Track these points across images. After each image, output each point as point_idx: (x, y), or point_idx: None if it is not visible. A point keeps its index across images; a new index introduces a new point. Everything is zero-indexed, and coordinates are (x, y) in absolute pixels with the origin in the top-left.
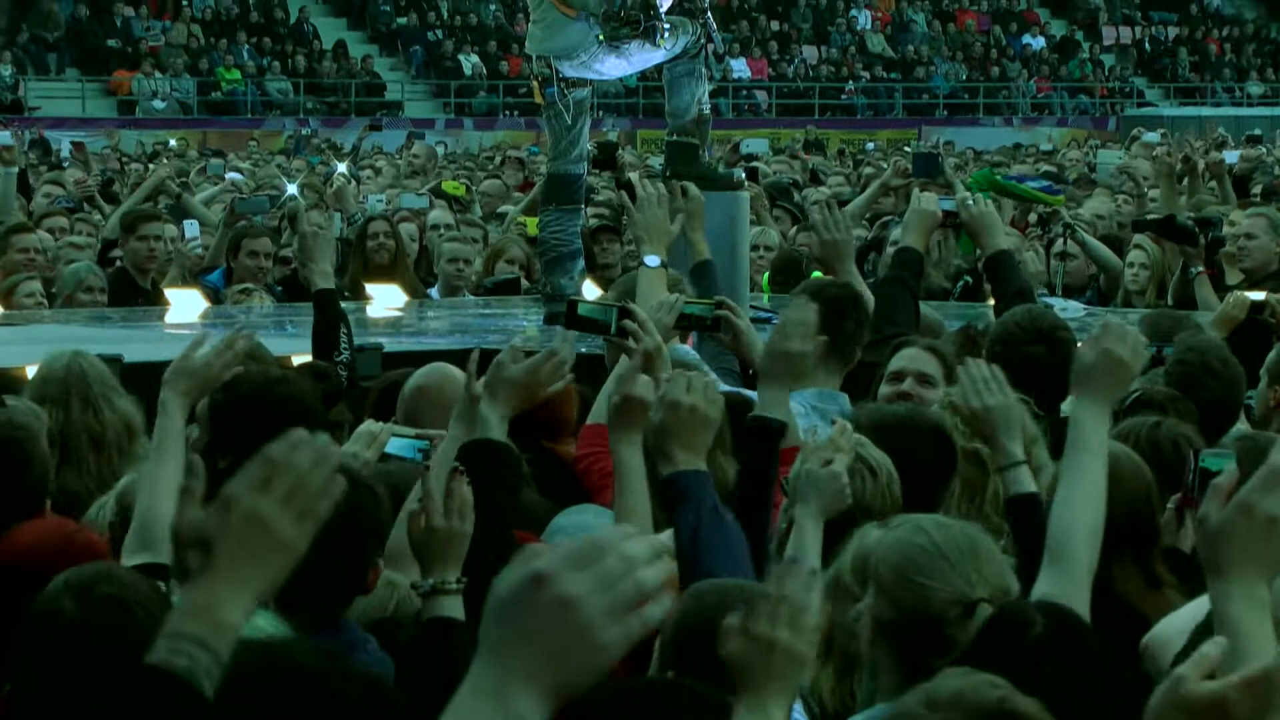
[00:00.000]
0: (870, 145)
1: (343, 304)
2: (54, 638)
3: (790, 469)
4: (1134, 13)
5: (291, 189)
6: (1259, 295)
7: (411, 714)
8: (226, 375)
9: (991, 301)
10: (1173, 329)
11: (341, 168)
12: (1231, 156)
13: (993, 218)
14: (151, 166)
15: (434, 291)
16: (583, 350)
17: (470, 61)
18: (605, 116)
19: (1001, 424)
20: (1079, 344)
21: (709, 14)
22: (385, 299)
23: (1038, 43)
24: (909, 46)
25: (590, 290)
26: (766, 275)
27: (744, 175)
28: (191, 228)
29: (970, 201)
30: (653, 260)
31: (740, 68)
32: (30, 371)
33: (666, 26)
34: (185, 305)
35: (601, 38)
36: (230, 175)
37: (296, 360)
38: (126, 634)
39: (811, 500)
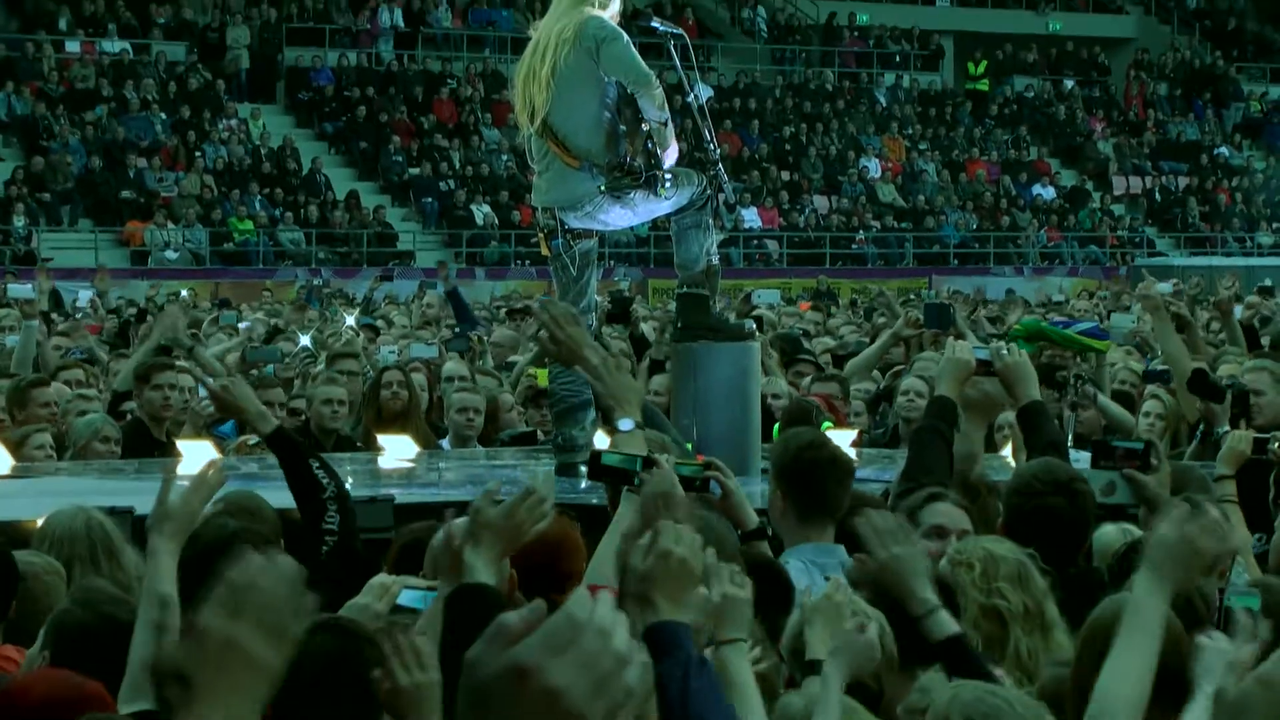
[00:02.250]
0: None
1: (357, 454)
2: None
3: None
4: (1144, 162)
5: (305, 340)
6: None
7: None
8: (205, 509)
9: (1006, 451)
10: (1180, 481)
11: (350, 320)
12: (1238, 312)
13: (1027, 368)
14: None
15: (445, 442)
16: (594, 501)
17: (482, 211)
18: (616, 266)
19: (909, 572)
20: (1163, 520)
21: (719, 165)
22: (397, 450)
23: (1048, 192)
24: (919, 196)
25: (602, 440)
26: (777, 426)
27: (754, 325)
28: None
29: (1005, 350)
30: (626, 424)
31: (751, 217)
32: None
33: (669, 177)
34: (197, 457)
35: (603, 188)
36: (244, 324)
37: None
38: None
39: (843, 662)
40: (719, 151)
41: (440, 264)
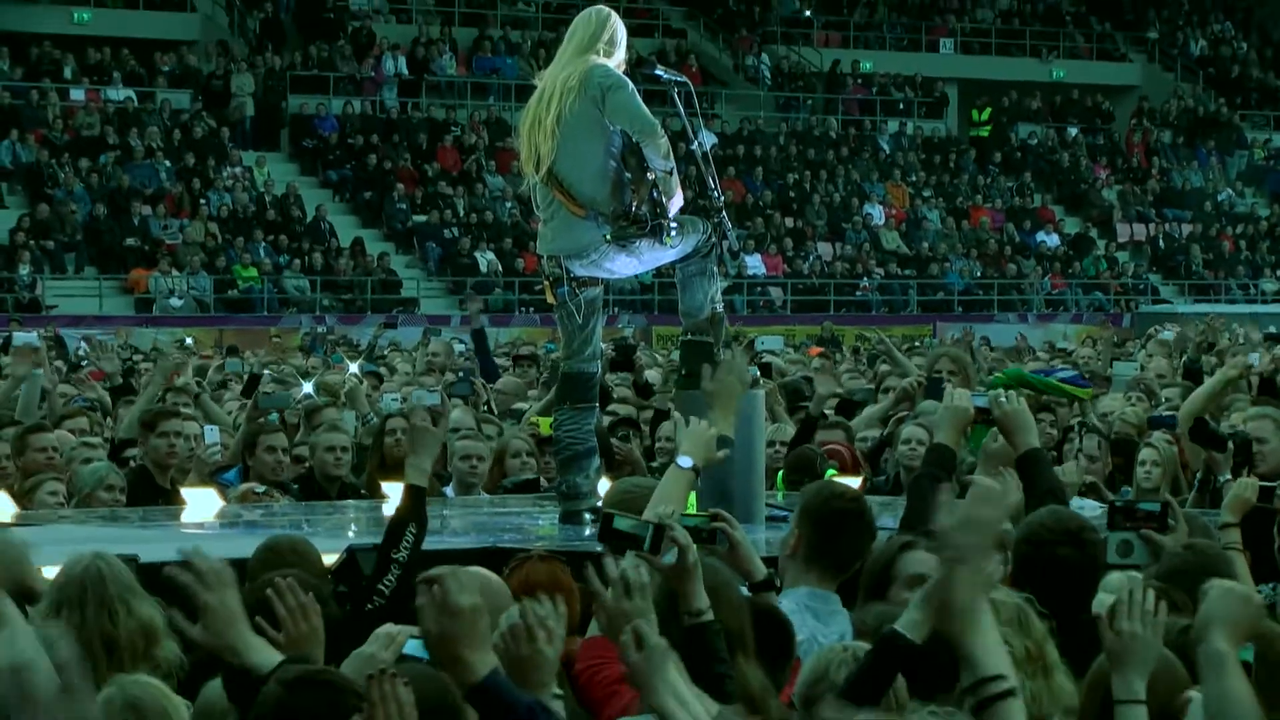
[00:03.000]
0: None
1: (360, 502)
2: None
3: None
4: (1147, 210)
5: (307, 388)
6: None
7: None
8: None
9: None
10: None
11: (353, 368)
12: (1253, 358)
13: (1025, 416)
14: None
15: (449, 490)
16: (599, 549)
17: (486, 258)
18: (620, 313)
19: (1137, 658)
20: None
21: (723, 212)
22: None
23: (1052, 239)
24: (923, 243)
25: (605, 487)
26: (781, 473)
27: (759, 373)
28: (211, 433)
29: (1003, 399)
30: (685, 462)
31: (755, 264)
32: (48, 573)
33: (674, 225)
34: (201, 504)
35: (609, 237)
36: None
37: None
38: None
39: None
40: (723, 198)
41: (469, 298)
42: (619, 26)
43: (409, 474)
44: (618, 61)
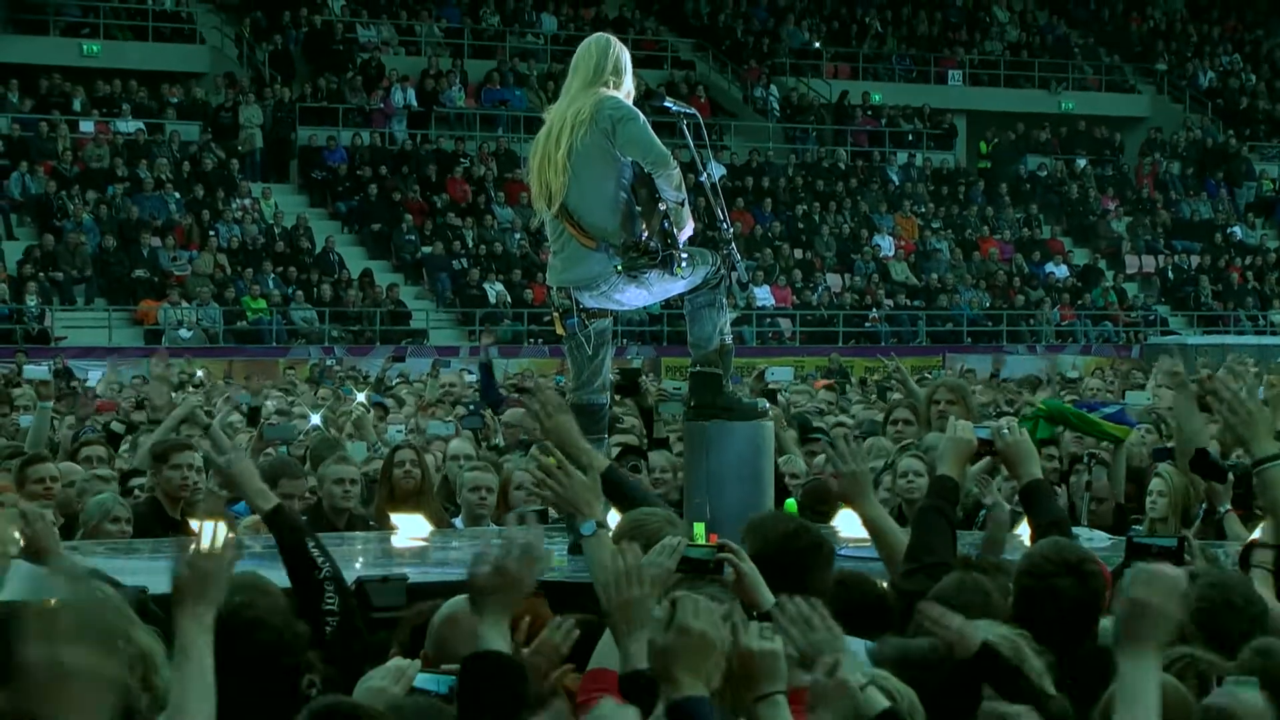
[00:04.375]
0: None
1: (369, 534)
2: None
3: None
4: (1157, 241)
5: (315, 419)
6: None
7: None
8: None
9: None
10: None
11: (360, 397)
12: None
13: (1028, 447)
14: (177, 396)
15: (458, 521)
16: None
17: (495, 290)
18: (629, 344)
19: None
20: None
21: (733, 244)
22: (410, 529)
23: (1061, 271)
24: (932, 274)
25: (612, 517)
26: (791, 503)
27: (767, 404)
28: None
29: (1005, 430)
30: (588, 529)
31: (764, 296)
32: None
33: (684, 256)
34: (211, 537)
35: (620, 268)
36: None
37: None
38: None
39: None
40: (732, 230)
41: (487, 331)
42: (622, 53)
43: (256, 505)
44: (627, 90)
